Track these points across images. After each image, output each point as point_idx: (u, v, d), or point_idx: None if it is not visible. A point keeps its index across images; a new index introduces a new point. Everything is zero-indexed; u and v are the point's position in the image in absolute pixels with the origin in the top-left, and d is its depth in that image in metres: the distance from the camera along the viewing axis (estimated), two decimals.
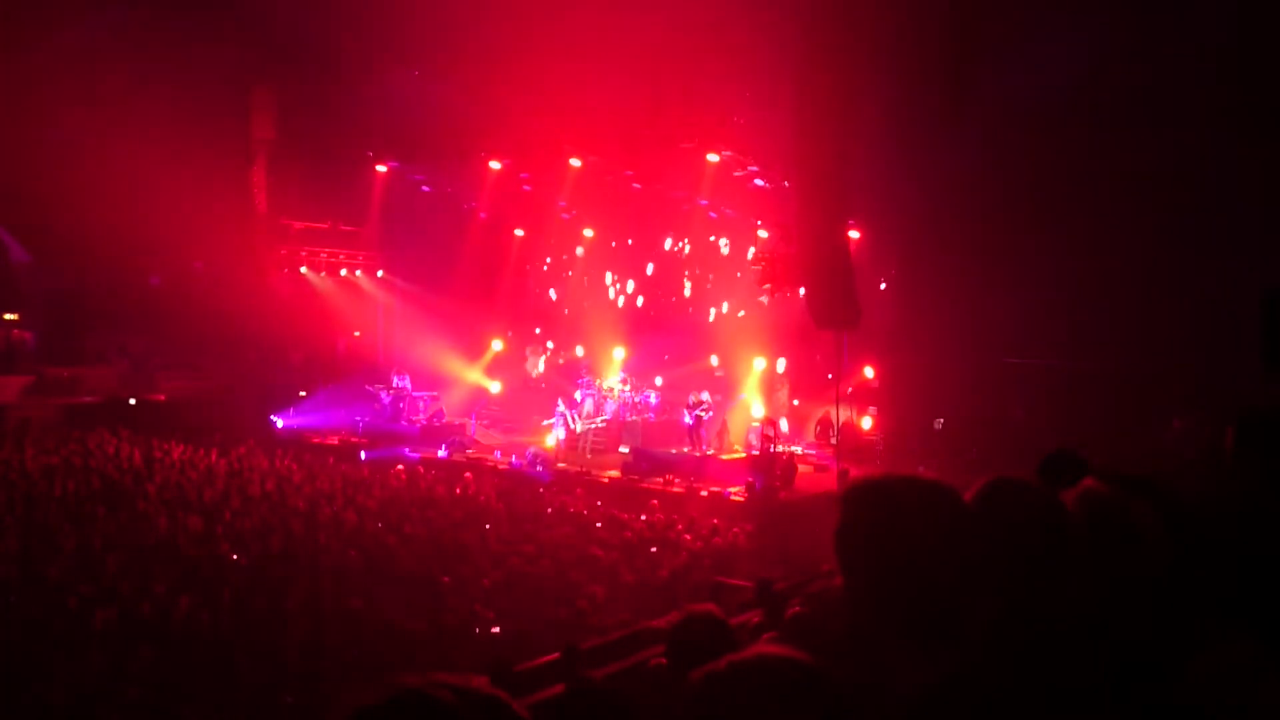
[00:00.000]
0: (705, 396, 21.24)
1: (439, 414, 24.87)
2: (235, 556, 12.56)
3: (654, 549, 13.63)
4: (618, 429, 22.42)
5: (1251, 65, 14.04)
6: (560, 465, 20.66)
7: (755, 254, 20.95)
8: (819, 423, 22.18)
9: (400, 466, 19.77)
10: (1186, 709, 1.83)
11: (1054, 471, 3.72)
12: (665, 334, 26.08)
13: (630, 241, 27.04)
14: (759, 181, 20.38)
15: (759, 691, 1.47)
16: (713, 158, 19.50)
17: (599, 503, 17.49)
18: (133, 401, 25.41)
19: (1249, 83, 14.29)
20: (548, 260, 28.99)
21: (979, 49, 15.96)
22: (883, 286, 22.10)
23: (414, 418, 24.52)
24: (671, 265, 26.60)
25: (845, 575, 1.91)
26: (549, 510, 16.49)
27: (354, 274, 27.81)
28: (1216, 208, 15.66)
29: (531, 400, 26.16)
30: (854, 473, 16.54)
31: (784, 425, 21.81)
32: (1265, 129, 14.34)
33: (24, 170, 20.85)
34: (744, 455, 19.92)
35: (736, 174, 20.24)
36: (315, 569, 12.23)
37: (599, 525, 15.45)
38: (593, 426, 22.24)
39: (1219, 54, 14.22)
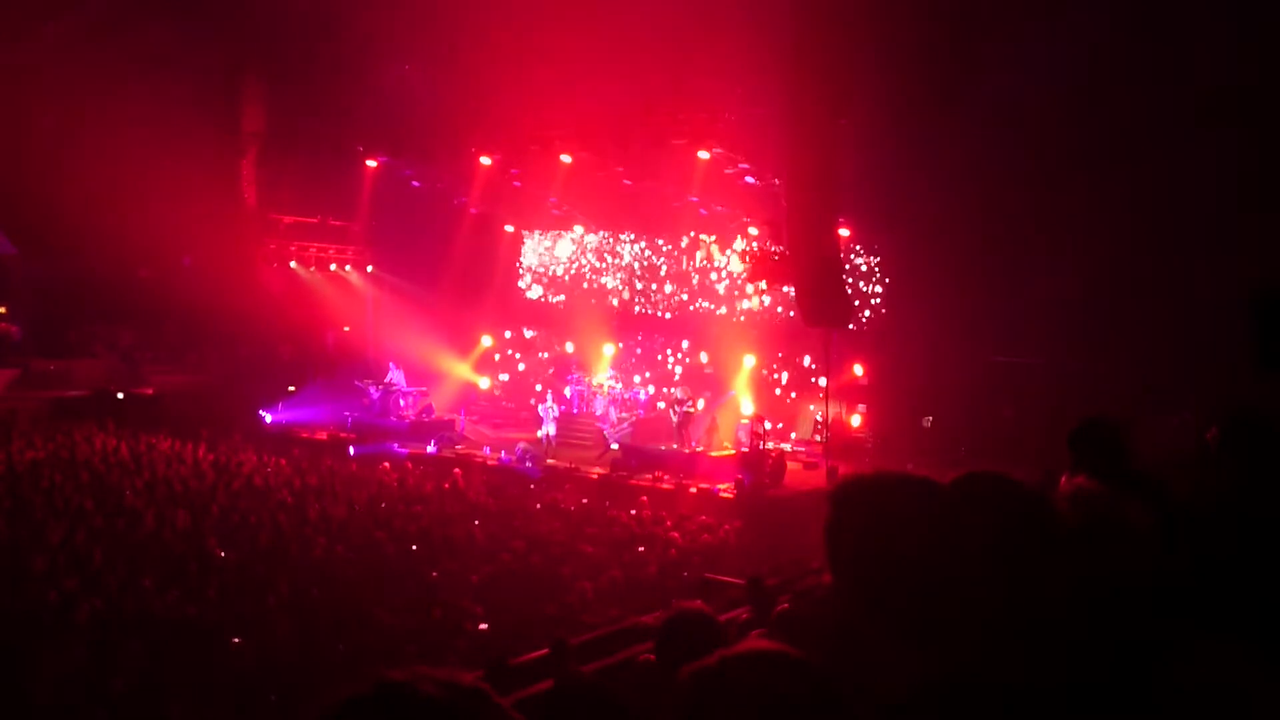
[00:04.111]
0: (679, 394, 21.31)
1: (428, 409, 24.85)
2: (222, 551, 12.52)
3: (641, 549, 13.63)
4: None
5: (1244, 65, 14.08)
6: (550, 461, 20.66)
7: (745, 251, 20.94)
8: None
9: (386, 463, 19.74)
10: (1174, 706, 1.82)
11: (1085, 442, 3.73)
12: (656, 331, 26.15)
13: (621, 237, 27.08)
14: (750, 179, 20.38)
15: (751, 685, 1.46)
16: (703, 155, 19.48)
17: (585, 499, 17.52)
18: (120, 395, 25.30)
19: (1242, 82, 14.34)
20: (537, 250, 28.96)
21: (971, 46, 15.97)
22: (875, 284, 22.20)
23: (403, 413, 24.49)
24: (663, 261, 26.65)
25: (834, 572, 1.91)
26: (538, 506, 16.49)
27: (343, 269, 27.76)
28: (1209, 206, 15.72)
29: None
30: (843, 470, 16.58)
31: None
32: (1258, 128, 14.40)
33: (11, 162, 20.73)
34: (733, 452, 19.94)
35: (727, 171, 20.22)
36: (303, 564, 12.21)
37: (587, 522, 15.46)
38: (620, 431, 22.32)
39: (1212, 53, 14.25)
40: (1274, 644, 1.94)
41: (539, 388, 26.01)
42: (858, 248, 22.18)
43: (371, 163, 24.82)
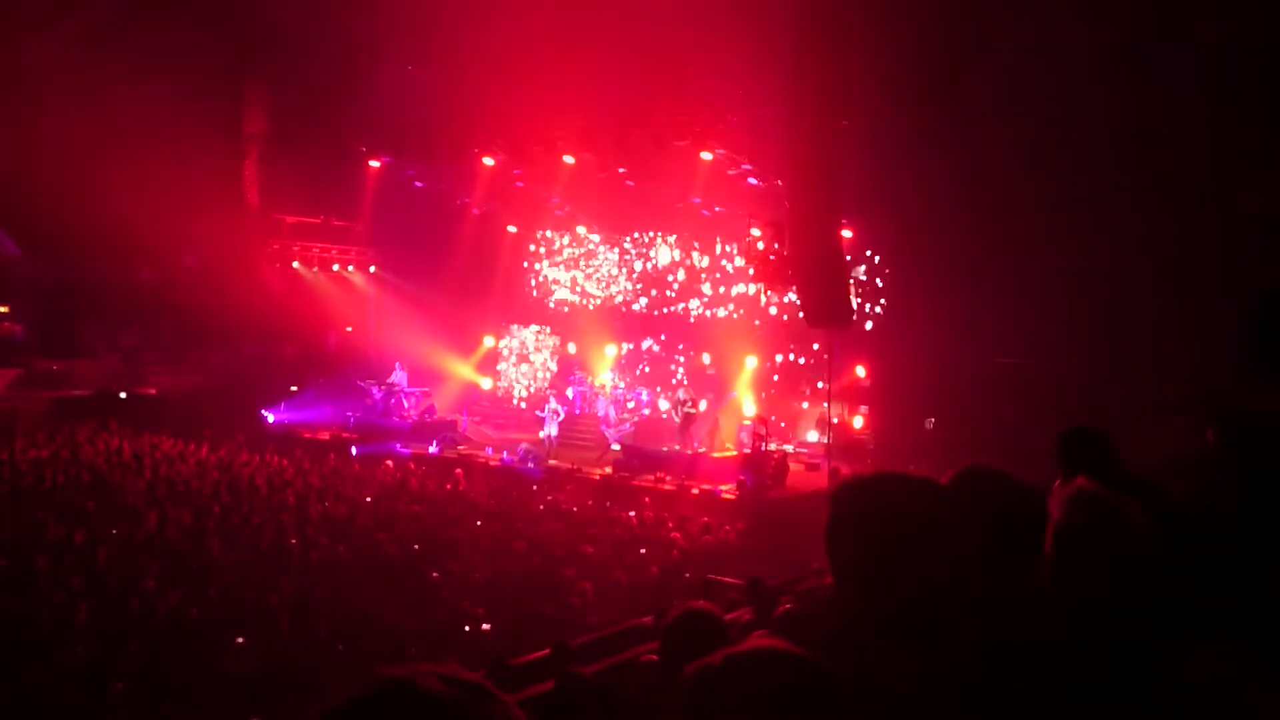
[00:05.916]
0: (681, 395, 21.32)
1: (430, 410, 24.85)
2: (224, 552, 12.52)
3: (643, 550, 13.62)
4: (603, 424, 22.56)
5: (1246, 64, 14.07)
6: (551, 462, 20.65)
7: (748, 252, 20.93)
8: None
9: (389, 463, 19.73)
10: (1174, 706, 1.83)
11: (1078, 446, 3.73)
12: (658, 332, 26.15)
13: (623, 239, 27.10)
14: (752, 180, 20.36)
15: (755, 683, 1.47)
16: (706, 156, 19.46)
17: (587, 500, 17.51)
18: (123, 395, 25.32)
19: (1244, 82, 14.32)
20: (541, 252, 28.97)
21: (973, 47, 15.95)
22: (877, 284, 22.19)
23: (405, 414, 24.49)
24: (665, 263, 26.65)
25: (834, 573, 1.91)
26: (540, 507, 16.48)
27: (346, 269, 27.74)
28: (1209, 209, 15.70)
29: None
30: (845, 471, 16.58)
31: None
32: (1257, 130, 14.38)
33: (14, 163, 20.74)
34: (736, 453, 19.92)
35: (730, 172, 20.20)
36: (304, 565, 12.21)
37: (588, 523, 15.46)
38: (622, 431, 22.31)
39: (1212, 56, 14.24)
40: (1274, 644, 1.95)
41: (547, 389, 25.95)
42: (864, 253, 22.19)
43: (374, 163, 24.78)
